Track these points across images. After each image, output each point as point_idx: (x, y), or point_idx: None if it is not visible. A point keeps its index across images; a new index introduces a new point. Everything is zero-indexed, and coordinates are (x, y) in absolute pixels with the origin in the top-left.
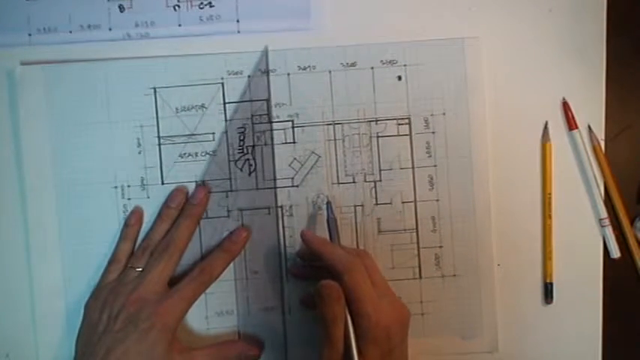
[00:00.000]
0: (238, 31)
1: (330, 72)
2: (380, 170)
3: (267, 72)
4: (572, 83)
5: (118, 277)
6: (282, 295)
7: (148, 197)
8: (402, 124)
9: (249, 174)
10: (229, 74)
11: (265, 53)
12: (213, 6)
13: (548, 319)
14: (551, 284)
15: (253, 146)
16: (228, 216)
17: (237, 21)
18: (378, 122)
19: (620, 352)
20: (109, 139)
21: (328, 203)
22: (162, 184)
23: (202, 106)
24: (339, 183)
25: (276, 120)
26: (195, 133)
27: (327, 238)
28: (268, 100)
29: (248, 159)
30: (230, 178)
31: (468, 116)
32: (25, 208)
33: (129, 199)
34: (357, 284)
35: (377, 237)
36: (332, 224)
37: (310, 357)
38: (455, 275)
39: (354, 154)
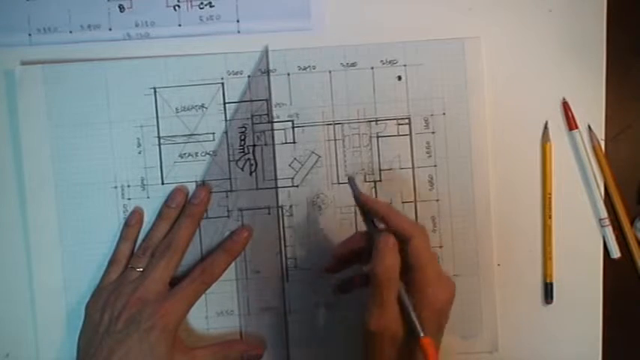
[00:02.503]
0: (238, 31)
1: (330, 72)
2: (380, 170)
3: (267, 72)
4: (572, 83)
5: (119, 278)
6: (283, 295)
7: (148, 197)
8: (402, 124)
9: (250, 174)
10: (229, 74)
11: (265, 53)
12: (213, 6)
13: (548, 319)
14: (551, 284)
15: (253, 146)
16: (228, 216)
17: (237, 21)
18: (378, 122)
19: (620, 352)
20: (109, 139)
21: (350, 179)
22: (163, 184)
23: (202, 106)
24: (339, 183)
25: (277, 120)
26: (195, 133)
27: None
28: (268, 100)
29: (248, 159)
30: (230, 178)
31: (468, 116)
32: (25, 208)
33: (129, 199)
34: (424, 250)
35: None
36: (359, 200)
37: (312, 356)
38: (455, 275)
39: (354, 154)
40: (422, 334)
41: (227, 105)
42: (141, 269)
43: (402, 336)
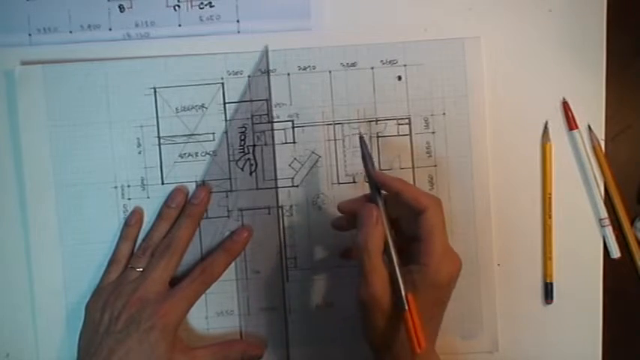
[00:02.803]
0: (238, 31)
1: (330, 72)
2: (380, 170)
3: (267, 72)
4: (572, 83)
5: (119, 278)
6: (284, 295)
7: (148, 197)
8: (402, 124)
9: (250, 174)
10: (229, 74)
11: (265, 53)
12: (213, 6)
13: (548, 319)
14: (551, 284)
15: (253, 146)
16: (228, 216)
17: (237, 21)
18: (378, 122)
19: (620, 352)
20: (109, 139)
21: (361, 138)
22: (163, 184)
23: (202, 106)
24: (339, 183)
25: (277, 120)
26: (195, 133)
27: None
28: (268, 100)
29: (249, 159)
30: (230, 178)
31: (468, 116)
32: (25, 208)
33: (129, 199)
34: (437, 222)
35: None
36: (369, 159)
37: (312, 356)
38: None
39: (354, 154)
40: (406, 308)
41: (227, 105)
42: (141, 269)
43: (392, 308)
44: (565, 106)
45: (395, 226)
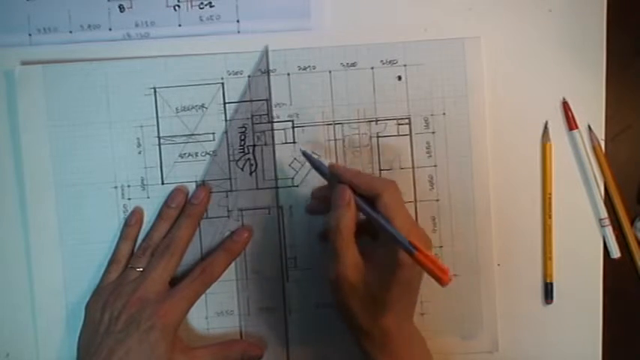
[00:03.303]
0: (238, 31)
1: (330, 72)
2: (380, 170)
3: (267, 72)
4: (572, 83)
5: (119, 278)
6: (284, 295)
7: (148, 197)
8: (402, 124)
9: (250, 174)
10: (229, 74)
11: (265, 53)
12: (213, 6)
13: (548, 319)
14: (551, 284)
15: (254, 146)
16: (228, 216)
17: (237, 21)
18: (378, 122)
19: (620, 352)
20: (109, 139)
21: (304, 153)
22: (163, 184)
23: (202, 106)
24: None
25: (277, 120)
26: (195, 133)
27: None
28: (268, 100)
29: (249, 159)
30: (230, 178)
31: (468, 116)
32: (25, 208)
33: (129, 199)
34: (393, 204)
35: None
36: (319, 165)
37: (312, 356)
38: (455, 275)
39: (354, 154)
40: (413, 251)
41: (227, 105)
42: (141, 269)
43: (363, 287)
44: (565, 106)
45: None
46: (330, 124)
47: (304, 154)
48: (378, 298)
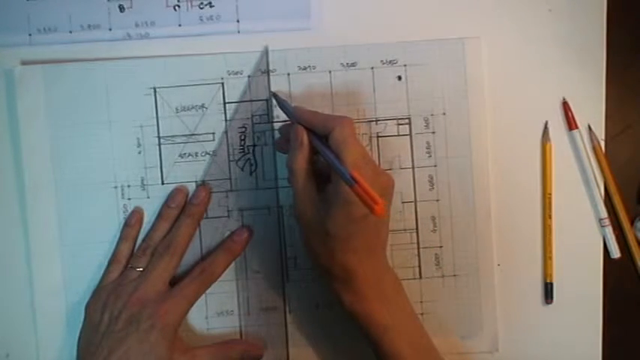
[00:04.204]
0: (238, 31)
1: (330, 72)
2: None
3: (267, 72)
4: (572, 83)
5: (119, 278)
6: (284, 295)
7: (148, 197)
8: (402, 124)
9: (250, 174)
10: (229, 74)
11: (265, 53)
12: (213, 6)
13: (548, 319)
14: (551, 284)
15: (254, 146)
16: (228, 216)
17: (237, 21)
18: (378, 122)
19: (620, 352)
20: (109, 139)
21: (275, 96)
22: (163, 184)
23: (202, 106)
24: None
25: (277, 120)
26: (195, 133)
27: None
28: (268, 100)
29: (249, 159)
30: (230, 178)
31: (468, 116)
32: (25, 208)
33: (129, 199)
34: (343, 138)
35: None
36: (286, 104)
37: (312, 356)
38: (455, 275)
39: None
40: (353, 184)
41: (227, 105)
42: (141, 269)
43: (319, 225)
44: (565, 106)
45: None
46: None
47: (274, 95)
48: (333, 235)
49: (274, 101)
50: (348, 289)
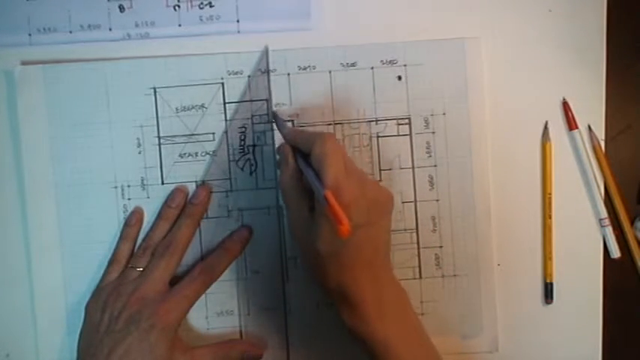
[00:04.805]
0: (238, 31)
1: (330, 72)
2: (380, 170)
3: (267, 72)
4: (572, 83)
5: (119, 277)
6: (284, 295)
7: (148, 197)
8: (402, 124)
9: (250, 174)
10: (229, 74)
11: (265, 53)
12: (213, 6)
13: (548, 319)
14: (551, 284)
15: (254, 146)
16: (228, 216)
17: (237, 21)
18: (378, 122)
19: (620, 353)
20: (109, 139)
21: (274, 115)
22: (162, 184)
23: (202, 106)
24: None
25: None
26: (195, 133)
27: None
28: (268, 100)
29: (249, 159)
30: (230, 178)
31: (468, 116)
32: (25, 208)
33: (129, 199)
34: (325, 153)
35: None
36: (281, 124)
37: (312, 356)
38: (455, 275)
39: (354, 154)
40: (324, 202)
41: (227, 105)
42: (141, 269)
43: (309, 244)
44: (565, 106)
45: None
46: (330, 124)
47: (274, 114)
48: (323, 254)
49: (274, 122)
50: (346, 308)
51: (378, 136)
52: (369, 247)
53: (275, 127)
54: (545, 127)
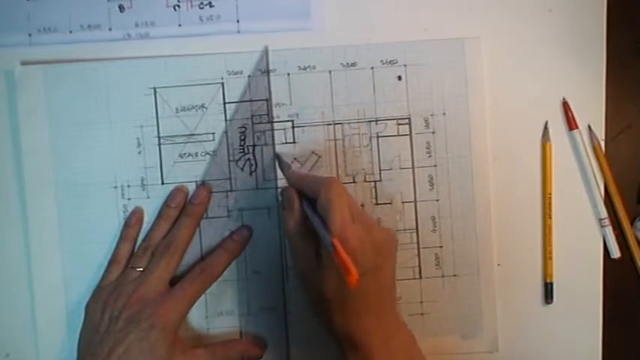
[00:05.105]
0: (238, 31)
1: (330, 72)
2: (380, 170)
3: (267, 72)
4: (572, 83)
5: (119, 278)
6: (284, 295)
7: (148, 197)
8: (402, 124)
9: (250, 174)
10: (229, 74)
11: (265, 53)
12: (213, 6)
13: (548, 319)
14: (551, 284)
15: (254, 146)
16: (228, 216)
17: (237, 21)
18: (378, 122)
19: (620, 353)
20: (109, 139)
21: (278, 157)
22: (162, 184)
23: (202, 106)
24: None
25: (277, 120)
26: (195, 133)
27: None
28: (268, 100)
29: (249, 159)
30: (230, 178)
31: (467, 116)
32: (25, 208)
33: (129, 199)
34: (331, 199)
35: None
36: (284, 166)
37: (312, 356)
38: (455, 275)
39: (354, 154)
40: (331, 249)
41: (227, 105)
42: (141, 269)
43: (314, 284)
44: (565, 106)
45: None
46: (330, 124)
47: (277, 156)
48: (329, 299)
49: (276, 162)
50: (352, 353)
51: (378, 136)
52: (376, 292)
53: (273, 125)
54: (545, 127)
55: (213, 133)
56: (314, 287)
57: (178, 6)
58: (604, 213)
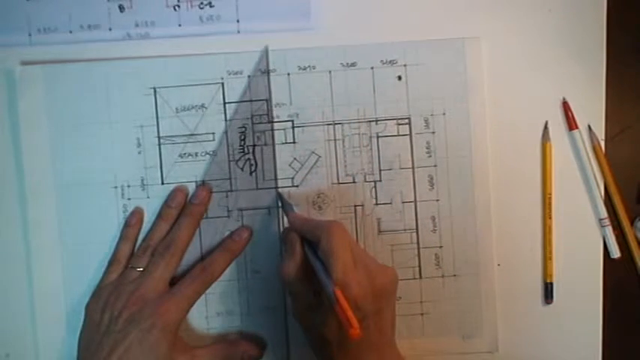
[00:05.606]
0: (238, 31)
1: (330, 72)
2: (380, 170)
3: (267, 72)
4: (572, 83)
5: (119, 278)
6: (283, 295)
7: (148, 197)
8: (402, 124)
9: (250, 174)
10: (229, 74)
11: (265, 53)
12: (213, 6)
13: (548, 319)
14: (551, 284)
15: (253, 146)
16: (228, 216)
17: (237, 21)
18: (378, 122)
19: (620, 353)
20: (109, 139)
21: (280, 196)
22: (162, 184)
23: (202, 106)
24: (339, 183)
25: (277, 120)
26: (195, 133)
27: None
28: (268, 100)
29: (249, 159)
30: (230, 178)
31: (468, 116)
32: (25, 208)
33: (129, 199)
34: (332, 246)
35: (377, 237)
36: (287, 208)
37: (312, 356)
38: (455, 275)
39: (354, 154)
40: (334, 300)
41: (227, 105)
42: (141, 269)
43: (313, 327)
44: (565, 106)
45: None
46: (330, 124)
47: (279, 195)
48: (330, 341)
49: (279, 201)
50: None
51: (378, 136)
52: (376, 332)
53: (273, 125)
54: (545, 127)
55: (213, 133)
56: (314, 329)
57: (178, 6)
58: (604, 213)
